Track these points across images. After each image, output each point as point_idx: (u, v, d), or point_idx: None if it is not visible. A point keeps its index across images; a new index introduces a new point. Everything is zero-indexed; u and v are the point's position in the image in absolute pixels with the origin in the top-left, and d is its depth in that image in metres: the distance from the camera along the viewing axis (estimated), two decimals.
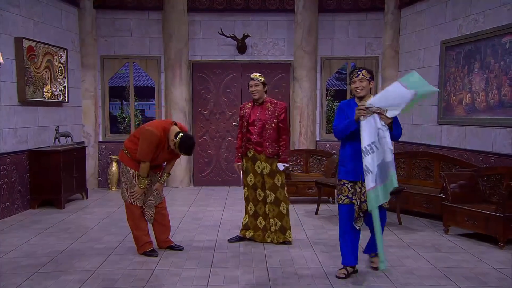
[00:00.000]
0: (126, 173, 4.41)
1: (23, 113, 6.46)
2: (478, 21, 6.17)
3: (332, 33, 8.69)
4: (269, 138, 4.72)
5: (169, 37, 8.22)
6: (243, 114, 4.89)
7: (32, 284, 3.79)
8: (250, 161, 4.83)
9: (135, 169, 4.37)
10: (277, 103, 4.83)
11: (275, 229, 4.86)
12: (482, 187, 5.44)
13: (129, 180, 4.40)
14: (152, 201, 4.53)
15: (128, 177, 4.41)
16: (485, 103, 6.01)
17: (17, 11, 6.31)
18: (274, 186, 4.79)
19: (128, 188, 4.40)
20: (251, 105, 4.88)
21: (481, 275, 4.00)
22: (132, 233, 4.55)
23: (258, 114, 4.77)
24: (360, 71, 4.00)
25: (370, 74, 4.01)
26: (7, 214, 6.05)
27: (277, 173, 4.78)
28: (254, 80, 4.76)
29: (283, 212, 4.83)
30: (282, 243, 4.86)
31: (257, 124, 4.76)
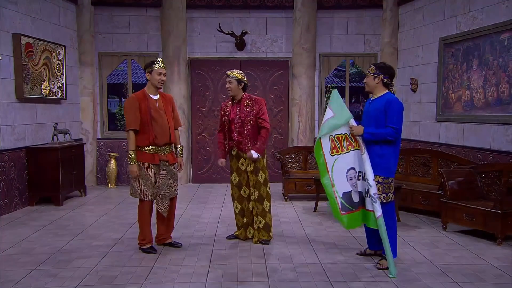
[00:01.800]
0: (139, 170, 4.33)
1: (21, 110, 6.45)
2: (477, 18, 6.17)
3: (331, 30, 8.68)
4: (248, 135, 4.66)
5: (168, 34, 8.20)
6: (223, 113, 4.84)
7: (30, 281, 3.79)
8: (234, 159, 4.82)
9: (148, 161, 4.30)
10: (255, 99, 4.74)
11: (259, 227, 4.79)
12: (480, 184, 5.45)
13: (143, 176, 4.32)
14: (167, 192, 4.45)
15: (142, 174, 4.32)
16: (484, 100, 6.02)
17: (14, 7, 6.29)
18: (257, 183, 4.75)
19: (143, 185, 4.33)
20: (230, 103, 4.84)
21: (479, 272, 4.01)
22: (140, 229, 4.49)
23: (237, 112, 4.72)
24: (370, 66, 4.08)
25: (377, 69, 4.01)
26: (5, 211, 6.05)
27: (260, 170, 4.74)
28: (229, 77, 4.68)
29: (265, 209, 4.79)
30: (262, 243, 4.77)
31: (237, 122, 4.71)
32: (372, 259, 4.31)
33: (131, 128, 4.27)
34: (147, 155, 4.32)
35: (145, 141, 4.30)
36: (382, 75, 4.00)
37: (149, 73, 4.32)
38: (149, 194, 4.37)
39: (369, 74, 4.05)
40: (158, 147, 4.35)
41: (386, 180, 3.99)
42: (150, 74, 4.32)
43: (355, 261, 4.27)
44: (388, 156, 3.99)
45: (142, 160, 4.31)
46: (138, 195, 4.38)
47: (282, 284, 3.73)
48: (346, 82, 9.32)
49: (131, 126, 4.27)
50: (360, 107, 18.14)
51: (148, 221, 4.47)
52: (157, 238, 4.65)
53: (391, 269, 3.90)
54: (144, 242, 4.49)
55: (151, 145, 4.32)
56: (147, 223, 4.47)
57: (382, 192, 3.97)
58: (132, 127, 4.27)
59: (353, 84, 16.36)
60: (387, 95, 4.03)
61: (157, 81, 4.33)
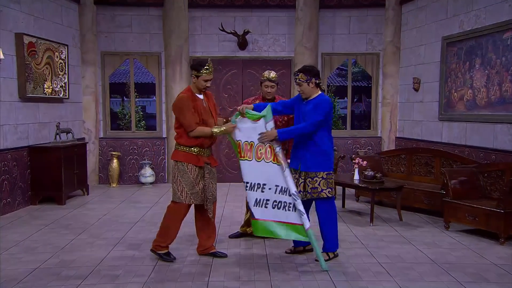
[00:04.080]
0: (181, 171, 4.10)
1: (24, 109, 6.46)
2: (480, 17, 6.15)
3: (333, 29, 8.67)
4: None
5: (170, 33, 8.21)
6: None
7: (33, 280, 3.79)
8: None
9: (192, 162, 4.09)
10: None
11: None
12: (483, 183, 5.43)
13: (186, 178, 4.09)
14: (211, 197, 4.20)
15: (184, 175, 4.09)
16: (486, 99, 6.00)
17: (17, 7, 6.30)
18: None
19: (184, 187, 4.08)
20: (259, 101, 4.85)
21: (482, 271, 4.00)
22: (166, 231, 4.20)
23: None
24: (297, 75, 4.14)
25: (307, 74, 4.11)
26: (8, 210, 6.06)
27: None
28: (272, 81, 4.68)
29: None
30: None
31: None
32: (373, 256, 4.31)
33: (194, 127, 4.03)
34: (192, 156, 4.11)
35: (193, 141, 4.09)
36: (313, 78, 4.12)
37: (196, 77, 4.09)
38: (190, 197, 4.11)
39: (301, 82, 4.14)
40: (203, 149, 4.15)
41: (329, 176, 4.14)
42: (197, 78, 4.09)
43: (357, 260, 4.27)
44: (328, 152, 4.14)
45: (187, 161, 4.09)
46: (178, 198, 4.11)
47: (284, 283, 3.73)
48: (348, 81, 9.31)
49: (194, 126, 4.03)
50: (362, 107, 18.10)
51: (178, 225, 4.22)
52: (200, 248, 4.40)
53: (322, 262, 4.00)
54: (163, 245, 4.23)
55: (197, 146, 4.11)
56: (178, 227, 4.23)
57: (327, 187, 4.11)
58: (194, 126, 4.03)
59: (355, 83, 16.35)
60: (320, 96, 4.17)
61: (203, 86, 4.13)
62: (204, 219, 4.29)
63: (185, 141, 4.11)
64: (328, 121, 4.14)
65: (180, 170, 4.12)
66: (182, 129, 4.12)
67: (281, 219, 3.99)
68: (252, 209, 4.03)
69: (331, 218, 4.21)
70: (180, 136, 4.14)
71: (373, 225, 5.53)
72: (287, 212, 3.97)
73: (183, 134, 4.12)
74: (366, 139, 8.84)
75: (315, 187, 4.11)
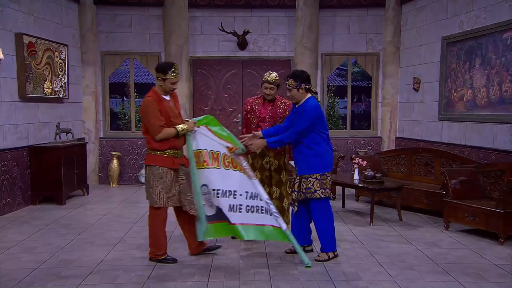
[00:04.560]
0: (156, 176, 4.05)
1: (24, 109, 6.46)
2: (480, 17, 6.15)
3: (333, 29, 8.67)
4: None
5: (170, 33, 8.20)
6: (250, 109, 4.87)
7: (33, 279, 3.79)
8: (258, 157, 4.81)
9: (168, 165, 4.07)
10: (287, 102, 4.83)
11: None
12: (482, 183, 5.44)
13: (161, 182, 4.04)
14: (191, 197, 4.19)
15: (160, 180, 4.05)
16: (486, 99, 6.00)
17: (17, 7, 6.30)
18: (280, 181, 4.83)
19: (160, 191, 4.04)
20: (260, 101, 4.86)
21: (482, 271, 4.00)
22: (156, 240, 4.16)
23: (269, 111, 4.78)
24: (287, 80, 4.17)
25: (296, 80, 4.13)
26: (8, 210, 6.06)
27: (283, 169, 4.83)
28: (271, 83, 4.70)
29: (285, 207, 4.85)
30: None
31: (268, 121, 4.78)
32: (373, 256, 4.31)
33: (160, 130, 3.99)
34: (167, 159, 4.07)
35: (165, 145, 4.05)
36: (303, 84, 4.14)
37: (162, 79, 4.05)
38: (168, 201, 4.08)
39: (291, 88, 4.16)
40: (176, 150, 4.13)
41: (323, 177, 4.15)
42: (163, 81, 4.05)
43: (357, 260, 4.27)
44: (322, 153, 4.15)
45: (162, 164, 4.05)
46: (155, 202, 4.07)
47: (284, 283, 3.73)
48: (348, 82, 9.31)
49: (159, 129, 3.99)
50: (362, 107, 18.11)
51: (164, 230, 4.18)
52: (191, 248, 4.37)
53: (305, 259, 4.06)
54: (160, 254, 4.18)
55: (170, 149, 4.08)
56: (163, 233, 4.17)
57: (320, 188, 4.12)
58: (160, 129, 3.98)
59: (355, 83, 16.35)
60: (307, 102, 4.18)
61: (170, 89, 4.12)
62: (186, 219, 4.26)
63: (158, 146, 4.06)
64: (318, 124, 4.14)
65: (155, 174, 4.06)
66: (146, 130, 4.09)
67: (258, 222, 4.06)
68: (227, 214, 4.07)
69: (326, 218, 4.22)
70: (151, 141, 4.07)
71: (373, 225, 5.53)
72: (262, 215, 4.05)
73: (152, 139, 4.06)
74: (366, 139, 8.84)
75: (308, 187, 4.14)
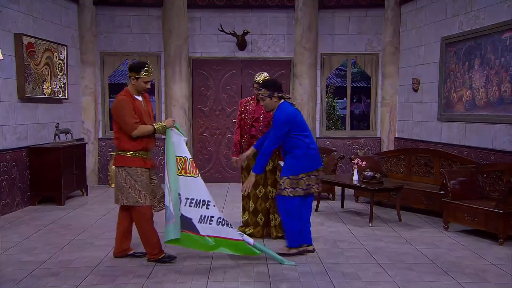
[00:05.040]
0: (134, 176, 4.04)
1: (23, 109, 6.46)
2: (479, 18, 6.16)
3: (332, 30, 8.67)
4: None
5: (169, 34, 8.20)
6: (244, 110, 4.89)
7: (32, 280, 3.79)
8: (252, 159, 4.82)
9: (141, 166, 4.06)
10: None
11: (275, 223, 4.91)
12: (482, 183, 5.44)
13: (140, 181, 4.04)
14: (162, 194, 4.20)
15: (138, 179, 4.04)
16: (486, 99, 6.01)
17: (16, 7, 6.30)
18: (275, 182, 4.83)
19: (141, 190, 4.03)
20: (254, 102, 4.87)
21: (481, 271, 4.01)
22: (149, 240, 4.13)
23: (263, 112, 4.80)
24: (260, 90, 4.24)
25: (269, 89, 4.21)
26: (7, 211, 6.06)
27: (277, 169, 4.82)
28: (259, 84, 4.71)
29: None
30: (281, 237, 4.88)
31: (262, 121, 4.80)
32: (372, 256, 4.31)
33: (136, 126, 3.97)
34: (138, 160, 4.06)
35: (137, 146, 4.04)
36: (275, 93, 4.22)
37: (136, 78, 4.03)
38: (149, 199, 4.08)
39: (264, 97, 4.24)
40: (146, 152, 4.13)
41: (295, 177, 4.22)
42: (136, 80, 4.03)
43: (356, 261, 4.27)
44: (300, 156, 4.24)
45: (135, 165, 4.04)
46: (137, 202, 4.04)
47: (284, 284, 3.73)
48: (347, 82, 9.31)
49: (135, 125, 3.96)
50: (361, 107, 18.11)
51: (153, 228, 4.15)
52: (117, 251, 4.30)
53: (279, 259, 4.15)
54: (156, 253, 4.16)
55: (142, 150, 4.08)
56: (154, 231, 4.14)
57: (290, 187, 4.20)
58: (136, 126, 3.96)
59: (355, 84, 16.36)
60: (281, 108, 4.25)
61: (143, 88, 4.07)
62: (130, 222, 4.25)
63: (130, 146, 4.03)
64: (293, 130, 4.21)
65: (131, 175, 4.04)
66: (123, 133, 4.03)
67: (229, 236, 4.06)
68: (196, 225, 4.04)
69: (289, 215, 4.27)
70: (122, 141, 4.05)
71: (372, 225, 5.54)
72: (228, 228, 4.06)
73: (124, 138, 4.03)
74: (366, 140, 8.84)
75: (280, 184, 4.29)
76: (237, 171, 8.19)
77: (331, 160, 7.13)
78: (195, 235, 4.06)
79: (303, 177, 4.26)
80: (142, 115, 4.07)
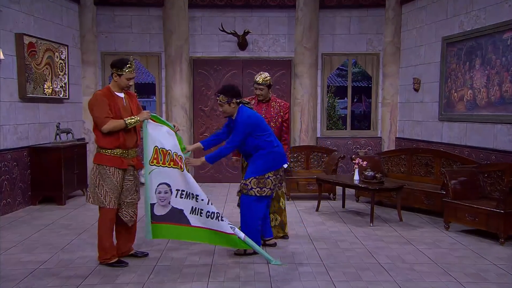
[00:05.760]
0: (103, 175, 3.98)
1: (24, 109, 6.46)
2: (480, 17, 6.15)
3: (333, 30, 8.67)
4: None
5: (170, 34, 8.21)
6: None
7: (33, 280, 3.79)
8: (242, 159, 4.83)
9: (116, 165, 3.98)
10: (282, 103, 4.93)
11: (275, 224, 4.90)
12: (482, 183, 5.43)
13: (108, 182, 3.98)
14: (134, 200, 4.15)
15: (107, 179, 3.98)
16: (486, 99, 6.00)
17: (17, 7, 6.30)
18: None
19: (107, 191, 3.97)
20: (255, 102, 4.88)
21: (482, 271, 4.00)
22: (100, 242, 4.05)
23: (263, 112, 4.81)
24: (218, 96, 4.32)
25: (227, 96, 4.28)
26: (8, 210, 6.06)
27: None
28: (259, 85, 4.75)
29: (282, 207, 4.88)
30: (281, 238, 4.89)
31: None
32: (373, 256, 4.31)
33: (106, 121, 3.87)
34: (114, 158, 3.98)
35: (113, 143, 3.95)
36: (233, 99, 4.29)
37: (118, 75, 3.97)
38: (114, 202, 3.99)
39: (222, 103, 4.32)
40: (125, 150, 4.03)
41: (261, 176, 4.27)
42: (119, 76, 3.97)
43: (357, 261, 4.27)
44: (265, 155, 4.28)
45: (110, 164, 3.96)
46: (101, 203, 3.98)
47: (284, 284, 3.73)
48: (348, 82, 9.31)
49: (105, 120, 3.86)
50: (362, 107, 18.10)
51: (111, 232, 4.08)
52: (118, 251, 4.20)
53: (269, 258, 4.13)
54: (108, 257, 4.06)
55: (118, 148, 3.98)
56: (110, 235, 4.07)
57: (257, 186, 4.26)
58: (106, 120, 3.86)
59: (355, 84, 16.36)
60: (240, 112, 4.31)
61: (126, 85, 4.03)
62: (120, 222, 4.17)
63: (106, 143, 3.96)
64: (255, 131, 4.25)
65: (101, 174, 3.99)
66: (98, 130, 3.96)
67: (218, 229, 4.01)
68: (188, 216, 4.02)
69: (249, 215, 4.30)
70: (99, 138, 3.98)
71: (373, 225, 5.53)
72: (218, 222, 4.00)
73: (100, 135, 3.96)
74: (366, 140, 8.84)
75: (246, 183, 4.29)
76: (238, 171, 8.19)
77: (331, 160, 7.13)
78: (185, 226, 4.03)
79: (269, 176, 4.29)
80: (121, 112, 3.98)
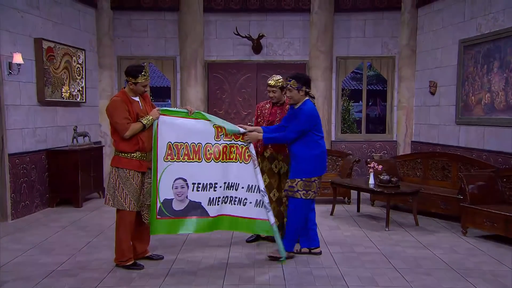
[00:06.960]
0: (123, 179, 4.01)
1: (42, 113, 6.57)
2: (498, 20, 6.07)
3: (348, 33, 8.64)
4: None
5: (185, 38, 8.27)
6: (260, 113, 4.89)
7: (51, 281, 3.85)
8: (266, 161, 4.82)
9: (135, 168, 4.02)
10: None
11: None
12: (501, 188, 5.35)
13: (128, 185, 4.01)
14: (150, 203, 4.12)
15: (127, 182, 4.01)
16: (505, 103, 5.91)
17: (36, 12, 6.42)
18: None
19: (127, 194, 4.00)
20: (270, 105, 4.87)
21: (500, 277, 3.94)
22: (119, 245, 4.09)
23: (278, 115, 4.79)
24: (289, 81, 4.24)
25: (298, 82, 4.22)
26: (26, 213, 6.16)
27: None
28: (272, 87, 4.72)
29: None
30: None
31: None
32: (389, 261, 4.27)
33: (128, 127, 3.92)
34: (134, 162, 4.01)
35: (132, 147, 4.00)
36: (304, 86, 4.23)
37: (134, 83, 4.02)
38: (134, 204, 4.03)
39: (292, 88, 4.24)
40: (144, 153, 4.06)
41: (308, 179, 4.22)
42: (135, 85, 4.03)
43: (372, 265, 4.23)
44: (313, 158, 4.22)
45: (128, 167, 4.00)
46: (121, 205, 4.01)
47: None
48: (363, 85, 9.27)
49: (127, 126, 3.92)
50: (377, 110, 17.96)
51: (130, 235, 4.11)
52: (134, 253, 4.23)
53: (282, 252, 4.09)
54: (125, 260, 4.10)
55: (138, 151, 4.03)
56: (129, 238, 4.11)
57: (303, 189, 4.22)
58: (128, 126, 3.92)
59: (370, 87, 16.26)
60: (304, 104, 4.25)
61: (141, 91, 4.10)
62: (137, 225, 4.18)
63: (125, 147, 4.00)
64: (312, 128, 4.21)
65: (121, 177, 4.02)
66: (117, 135, 4.01)
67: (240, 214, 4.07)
68: (206, 208, 4.05)
69: (295, 219, 4.28)
70: (118, 142, 4.03)
71: (388, 229, 5.48)
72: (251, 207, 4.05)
73: (120, 140, 4.01)
74: (381, 143, 8.77)
75: (292, 186, 4.26)
76: None
77: (346, 164, 7.09)
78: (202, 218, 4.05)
79: (315, 180, 4.26)
80: (139, 115, 4.04)
